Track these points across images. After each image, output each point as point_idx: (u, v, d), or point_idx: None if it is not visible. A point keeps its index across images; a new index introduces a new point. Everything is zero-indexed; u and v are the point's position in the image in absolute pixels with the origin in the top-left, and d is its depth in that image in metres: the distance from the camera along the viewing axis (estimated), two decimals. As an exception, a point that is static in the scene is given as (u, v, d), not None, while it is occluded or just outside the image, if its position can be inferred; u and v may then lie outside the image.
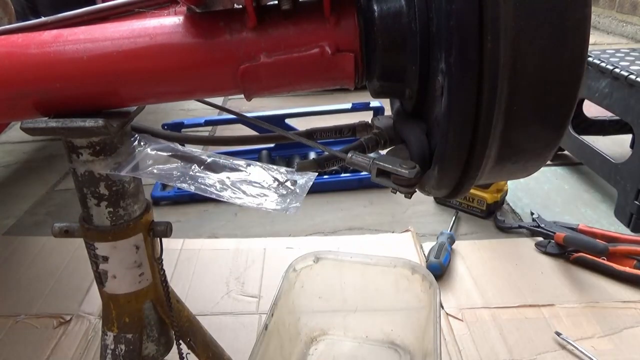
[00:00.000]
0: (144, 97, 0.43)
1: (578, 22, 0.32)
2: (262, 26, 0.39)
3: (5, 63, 0.40)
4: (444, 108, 0.35)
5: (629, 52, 1.53)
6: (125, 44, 0.39)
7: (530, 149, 0.38)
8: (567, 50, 0.33)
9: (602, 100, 1.43)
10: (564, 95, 0.34)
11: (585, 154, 1.54)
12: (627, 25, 3.83)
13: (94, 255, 0.50)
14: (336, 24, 0.39)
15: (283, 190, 0.43)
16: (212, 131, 2.05)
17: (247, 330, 0.99)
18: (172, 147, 0.47)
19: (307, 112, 1.71)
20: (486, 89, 0.33)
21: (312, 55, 0.39)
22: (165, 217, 0.67)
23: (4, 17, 0.62)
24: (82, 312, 1.07)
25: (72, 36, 0.40)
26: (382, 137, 0.47)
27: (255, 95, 0.42)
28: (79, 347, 0.98)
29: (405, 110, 0.46)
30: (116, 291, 0.53)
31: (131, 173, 0.45)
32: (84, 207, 0.49)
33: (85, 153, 0.45)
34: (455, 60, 0.33)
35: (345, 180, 1.56)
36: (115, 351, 0.55)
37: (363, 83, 0.44)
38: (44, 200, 1.62)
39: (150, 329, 0.57)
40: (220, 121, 1.85)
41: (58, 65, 0.40)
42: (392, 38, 0.39)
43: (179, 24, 0.40)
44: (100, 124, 0.41)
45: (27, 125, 0.41)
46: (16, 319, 1.06)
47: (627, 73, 1.31)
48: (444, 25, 0.33)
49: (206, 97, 0.46)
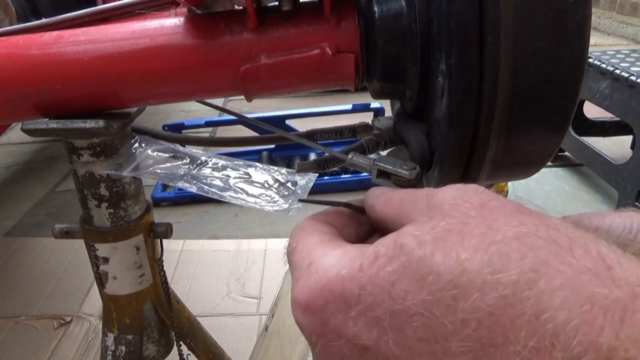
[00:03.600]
0: (145, 98, 0.43)
1: (578, 23, 0.32)
2: (263, 27, 0.39)
3: (6, 64, 0.40)
4: (444, 109, 0.35)
5: (629, 53, 1.53)
6: (126, 45, 0.39)
7: (531, 150, 0.38)
8: (568, 52, 0.33)
9: (602, 101, 1.43)
10: (564, 96, 0.34)
11: (586, 155, 1.54)
12: (628, 26, 3.83)
13: (94, 256, 0.50)
14: (336, 25, 0.39)
15: (285, 191, 0.43)
16: (213, 132, 2.05)
17: (248, 331, 0.99)
18: (173, 148, 0.47)
19: (307, 113, 1.72)
20: (486, 90, 0.33)
21: (313, 56, 0.39)
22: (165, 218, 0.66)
23: (4, 18, 0.62)
24: (82, 313, 1.07)
25: (73, 37, 0.40)
26: (383, 138, 0.47)
27: (256, 96, 0.42)
28: (80, 348, 0.98)
29: (405, 111, 0.46)
30: (117, 292, 0.53)
31: (132, 173, 0.45)
32: (84, 208, 0.49)
33: (86, 154, 0.45)
34: (456, 61, 0.33)
35: (346, 181, 1.57)
36: (115, 352, 0.55)
37: (363, 84, 0.44)
38: (44, 202, 1.63)
39: (150, 330, 0.56)
40: (221, 122, 1.85)
41: (59, 67, 0.40)
42: (392, 39, 0.39)
43: (180, 25, 0.40)
44: (100, 125, 0.41)
45: (28, 127, 0.41)
46: (16, 320, 1.06)
47: (628, 74, 1.31)
48: (445, 26, 0.33)
49: (207, 98, 0.46)
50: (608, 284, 0.17)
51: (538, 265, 0.18)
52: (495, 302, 0.18)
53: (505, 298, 0.18)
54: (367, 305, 0.21)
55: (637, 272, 0.17)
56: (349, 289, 0.21)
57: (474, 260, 0.19)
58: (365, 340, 0.21)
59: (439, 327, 0.19)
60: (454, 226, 0.20)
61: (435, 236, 0.20)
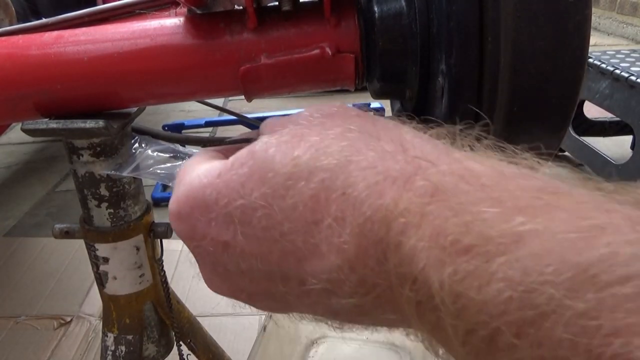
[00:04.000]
0: (145, 98, 0.43)
1: (578, 23, 0.32)
2: (263, 27, 0.39)
3: (6, 64, 0.40)
4: (445, 109, 0.35)
5: (629, 53, 1.53)
6: (126, 45, 0.39)
7: (531, 150, 0.38)
8: (568, 52, 0.33)
9: (602, 101, 1.44)
10: (564, 96, 0.34)
11: (586, 155, 1.54)
12: (628, 26, 3.83)
13: (94, 256, 0.50)
14: (336, 25, 0.39)
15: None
16: (213, 132, 2.05)
17: (248, 331, 0.99)
18: (173, 148, 0.47)
19: (307, 113, 1.71)
20: (486, 90, 0.33)
21: (313, 56, 0.39)
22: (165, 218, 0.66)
23: (4, 18, 0.62)
24: (82, 313, 1.07)
25: (73, 37, 0.40)
26: (383, 138, 0.47)
27: (256, 96, 0.42)
28: (80, 349, 0.98)
29: (405, 111, 0.46)
30: (117, 292, 0.53)
31: (132, 173, 0.45)
32: (84, 208, 0.49)
33: (86, 154, 0.45)
34: (456, 61, 0.33)
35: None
36: (115, 352, 0.55)
37: (363, 84, 0.44)
38: (44, 202, 1.63)
39: (150, 330, 0.57)
40: (221, 122, 1.85)
41: (59, 67, 0.40)
42: (392, 39, 0.39)
43: (180, 25, 0.40)
44: (100, 125, 0.41)
45: (28, 127, 0.41)
46: (16, 320, 1.06)
47: (628, 74, 1.31)
48: (444, 26, 0.33)
49: (206, 98, 0.46)
50: (401, 161, 0.20)
51: (352, 152, 0.21)
52: (316, 185, 0.21)
53: (323, 181, 0.21)
54: (222, 205, 0.24)
55: (425, 150, 0.21)
56: (208, 194, 0.24)
57: (305, 156, 0.22)
58: (224, 237, 0.24)
59: (275, 214, 0.22)
60: (297, 131, 0.24)
61: (279, 141, 0.23)
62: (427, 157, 0.20)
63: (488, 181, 0.18)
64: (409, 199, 0.19)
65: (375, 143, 0.22)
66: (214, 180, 0.25)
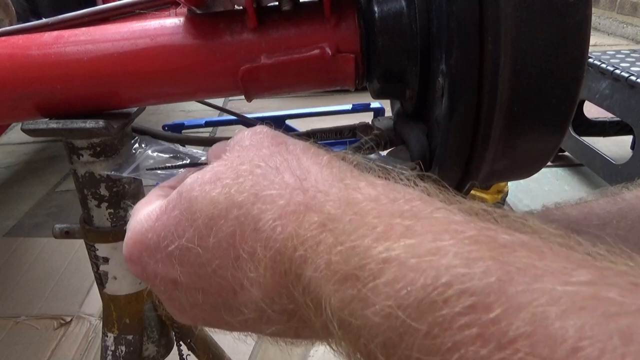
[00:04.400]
0: (145, 98, 0.43)
1: (579, 23, 0.32)
2: (263, 27, 0.39)
3: (6, 64, 0.40)
4: (444, 109, 0.35)
5: (629, 53, 1.53)
6: (126, 45, 0.39)
7: (531, 150, 0.38)
8: (568, 52, 0.33)
9: (602, 101, 1.44)
10: (564, 96, 0.34)
11: (586, 155, 1.54)
12: (628, 26, 3.83)
13: (94, 256, 0.50)
14: (336, 25, 0.39)
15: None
16: (213, 132, 2.06)
17: (248, 331, 0.99)
18: (173, 148, 0.47)
19: (307, 113, 1.72)
20: (486, 90, 0.33)
21: (313, 57, 0.39)
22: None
23: (4, 18, 0.62)
24: (82, 314, 1.07)
25: (73, 37, 0.40)
26: (383, 138, 0.47)
27: (256, 96, 0.42)
28: (80, 349, 0.98)
29: (405, 111, 0.46)
30: (117, 292, 0.53)
31: (132, 174, 0.45)
32: (84, 208, 0.49)
33: (86, 154, 0.45)
34: (456, 61, 0.33)
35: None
36: (115, 352, 0.55)
37: (363, 84, 0.44)
38: (44, 202, 1.63)
39: (150, 330, 0.57)
40: (221, 122, 1.85)
41: (59, 67, 0.40)
42: (392, 39, 0.39)
43: (180, 25, 0.40)
44: (100, 125, 0.41)
45: (28, 127, 0.41)
46: (16, 320, 1.06)
47: (628, 74, 1.31)
48: (445, 26, 0.33)
49: (207, 98, 0.46)
50: (299, 195, 0.22)
51: (259, 189, 0.23)
52: (232, 222, 0.23)
53: (238, 218, 0.23)
54: (164, 247, 0.25)
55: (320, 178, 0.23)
56: (150, 238, 0.26)
57: (220, 196, 0.23)
58: (172, 275, 0.26)
59: (205, 253, 0.24)
60: (218, 168, 0.25)
61: (202, 181, 0.25)
62: (322, 187, 0.22)
63: (367, 206, 0.20)
64: (305, 230, 0.21)
65: (279, 178, 0.23)
66: (153, 225, 0.26)
